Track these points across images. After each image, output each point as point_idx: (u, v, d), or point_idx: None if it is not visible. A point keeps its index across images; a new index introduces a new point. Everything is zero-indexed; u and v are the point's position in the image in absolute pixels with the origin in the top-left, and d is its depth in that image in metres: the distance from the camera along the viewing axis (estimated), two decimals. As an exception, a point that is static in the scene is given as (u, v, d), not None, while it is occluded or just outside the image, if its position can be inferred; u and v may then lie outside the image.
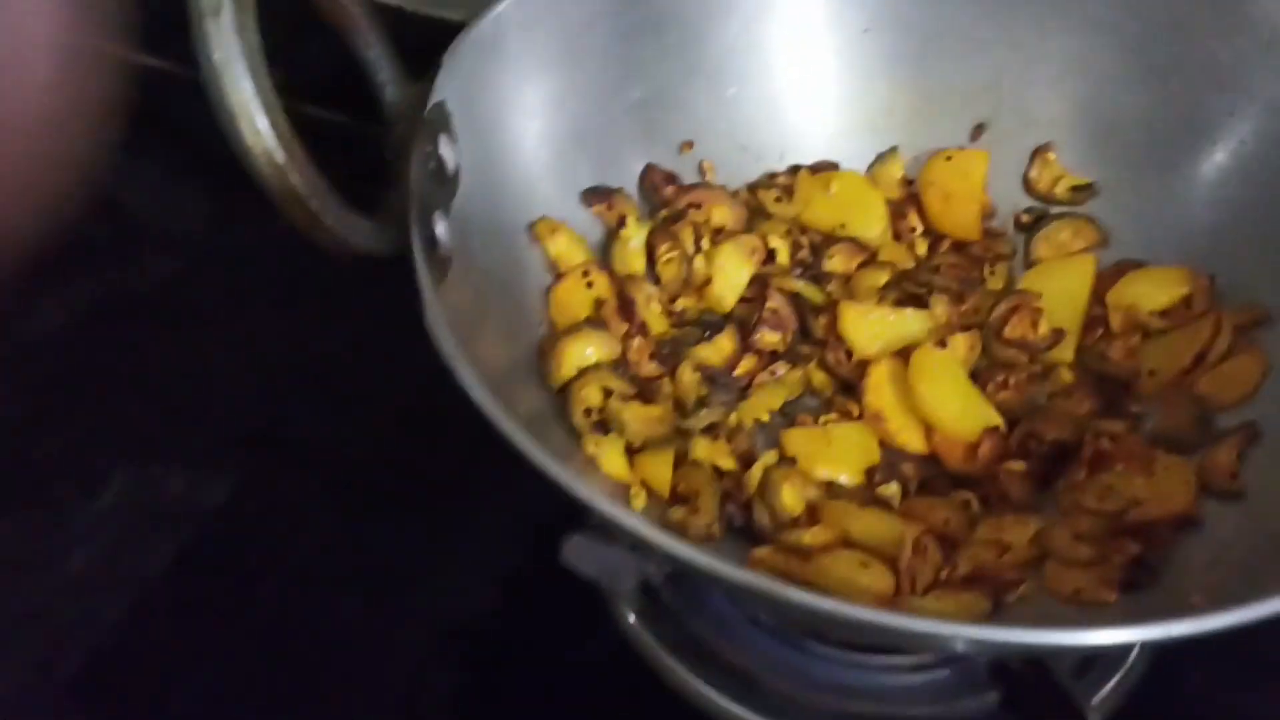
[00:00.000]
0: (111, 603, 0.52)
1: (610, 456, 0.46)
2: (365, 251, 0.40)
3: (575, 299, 0.51)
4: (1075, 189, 0.55)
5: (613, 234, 0.53)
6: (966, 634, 0.32)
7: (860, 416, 0.50)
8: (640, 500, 0.45)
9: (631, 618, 0.50)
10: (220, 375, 0.60)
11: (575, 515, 0.47)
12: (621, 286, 0.52)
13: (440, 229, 0.43)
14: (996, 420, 0.49)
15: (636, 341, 0.50)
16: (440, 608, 0.52)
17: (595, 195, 0.53)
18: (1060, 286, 0.52)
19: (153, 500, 0.55)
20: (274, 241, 0.66)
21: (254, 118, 0.36)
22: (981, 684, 0.46)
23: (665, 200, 0.54)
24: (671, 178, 0.55)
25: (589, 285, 0.51)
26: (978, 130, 0.56)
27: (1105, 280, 0.52)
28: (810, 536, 0.44)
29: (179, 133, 0.75)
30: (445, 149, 0.45)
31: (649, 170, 0.55)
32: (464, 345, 0.39)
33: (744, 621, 0.50)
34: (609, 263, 0.53)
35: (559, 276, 0.51)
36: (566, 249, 0.52)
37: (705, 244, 0.54)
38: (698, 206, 0.54)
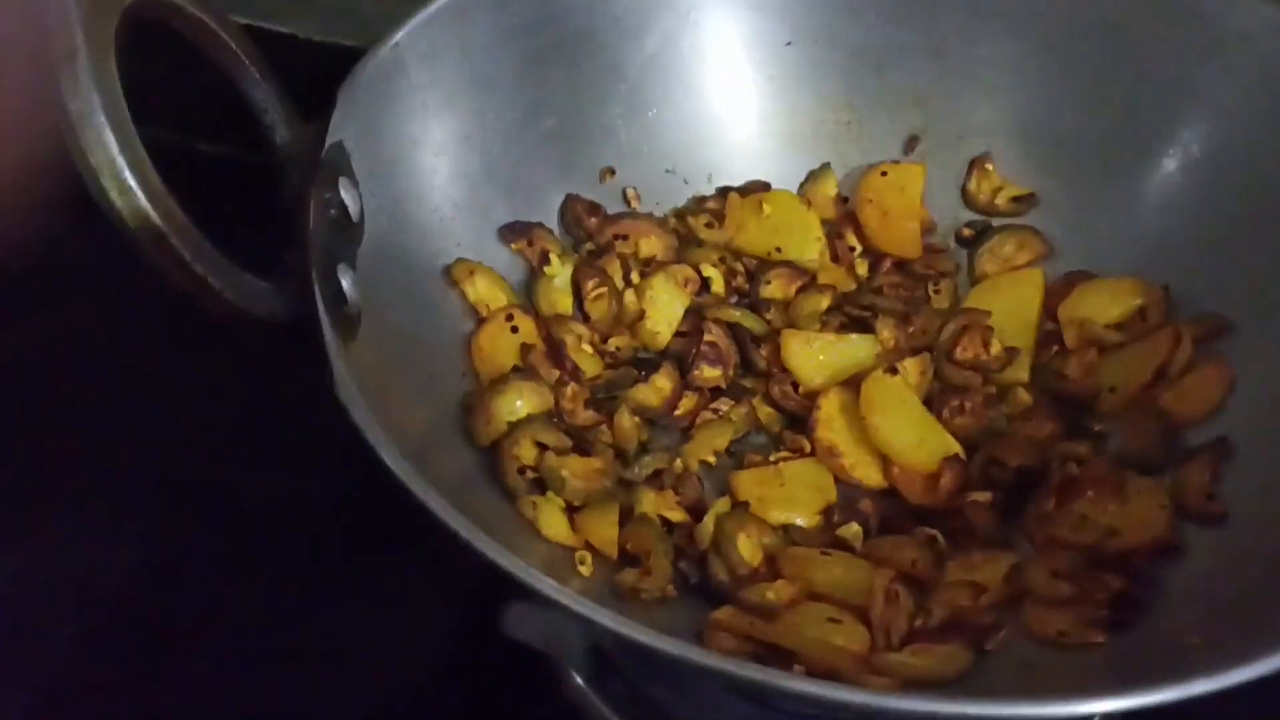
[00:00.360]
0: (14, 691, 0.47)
1: (550, 518, 0.42)
2: (263, 316, 0.36)
3: (500, 346, 0.47)
4: (1016, 199, 0.53)
5: (535, 273, 0.50)
6: (966, 711, 0.29)
7: (812, 452, 0.47)
8: (587, 566, 0.42)
9: (580, 681, 0.47)
10: (132, 430, 0.54)
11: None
12: (549, 329, 0.48)
13: (346, 283, 0.39)
14: (955, 448, 0.46)
15: (569, 389, 0.46)
16: (376, 677, 0.48)
17: (514, 231, 0.50)
18: (1009, 302, 0.50)
19: (56, 574, 0.50)
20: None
21: (121, 175, 0.32)
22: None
23: (590, 232, 0.51)
24: (595, 208, 0.51)
25: (514, 330, 0.47)
26: (911, 143, 0.54)
27: (1055, 294, 0.50)
28: (774, 593, 0.40)
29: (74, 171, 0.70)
30: (346, 194, 0.41)
31: (570, 201, 0.51)
32: (379, 410, 0.35)
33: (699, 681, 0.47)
34: (534, 304, 0.49)
35: (480, 322, 0.47)
36: (487, 292, 0.48)
37: (635, 277, 0.51)
38: (624, 237, 0.51)
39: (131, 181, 0.32)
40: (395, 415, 0.37)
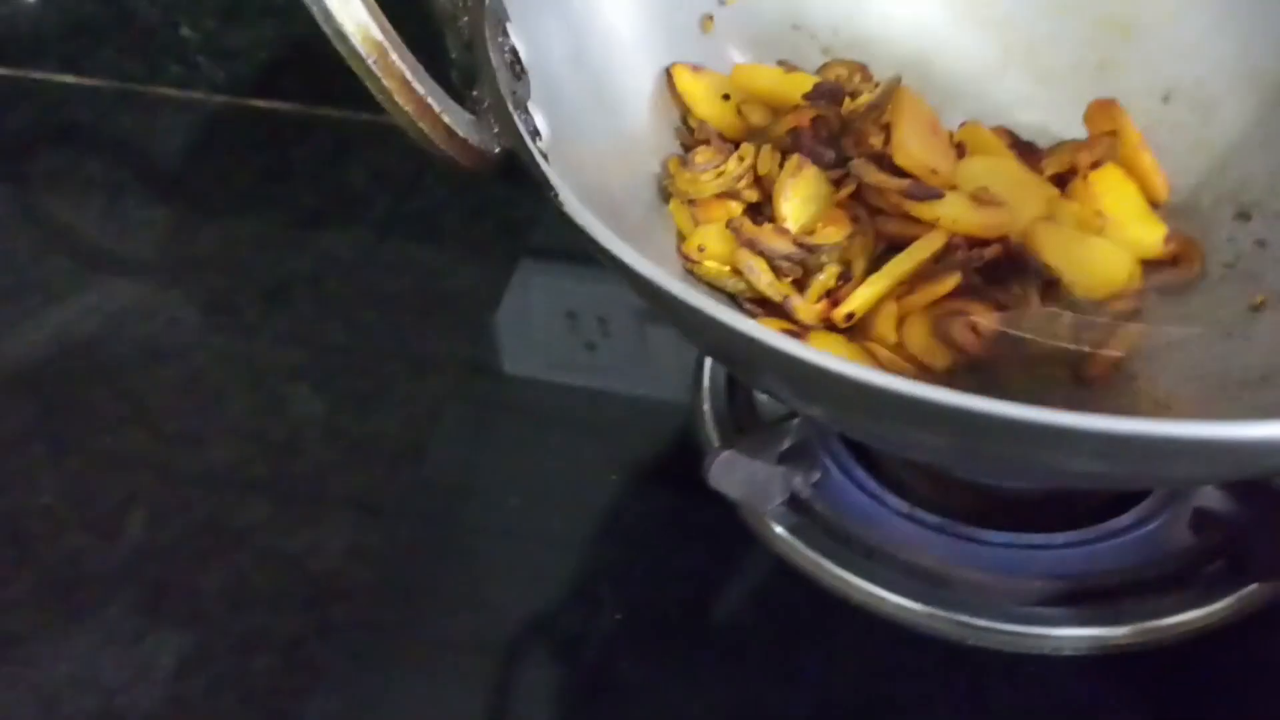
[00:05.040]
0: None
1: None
2: (476, 146, 0.35)
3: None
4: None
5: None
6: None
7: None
8: None
9: (781, 530, 0.46)
10: (212, 412, 0.53)
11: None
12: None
13: (539, 118, 0.38)
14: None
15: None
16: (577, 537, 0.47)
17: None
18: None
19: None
20: (246, 245, 0.61)
21: (343, -9, 0.31)
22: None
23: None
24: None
25: None
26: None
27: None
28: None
29: (113, 148, 0.69)
30: (516, 38, 0.40)
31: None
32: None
33: (901, 518, 0.46)
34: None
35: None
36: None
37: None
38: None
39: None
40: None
